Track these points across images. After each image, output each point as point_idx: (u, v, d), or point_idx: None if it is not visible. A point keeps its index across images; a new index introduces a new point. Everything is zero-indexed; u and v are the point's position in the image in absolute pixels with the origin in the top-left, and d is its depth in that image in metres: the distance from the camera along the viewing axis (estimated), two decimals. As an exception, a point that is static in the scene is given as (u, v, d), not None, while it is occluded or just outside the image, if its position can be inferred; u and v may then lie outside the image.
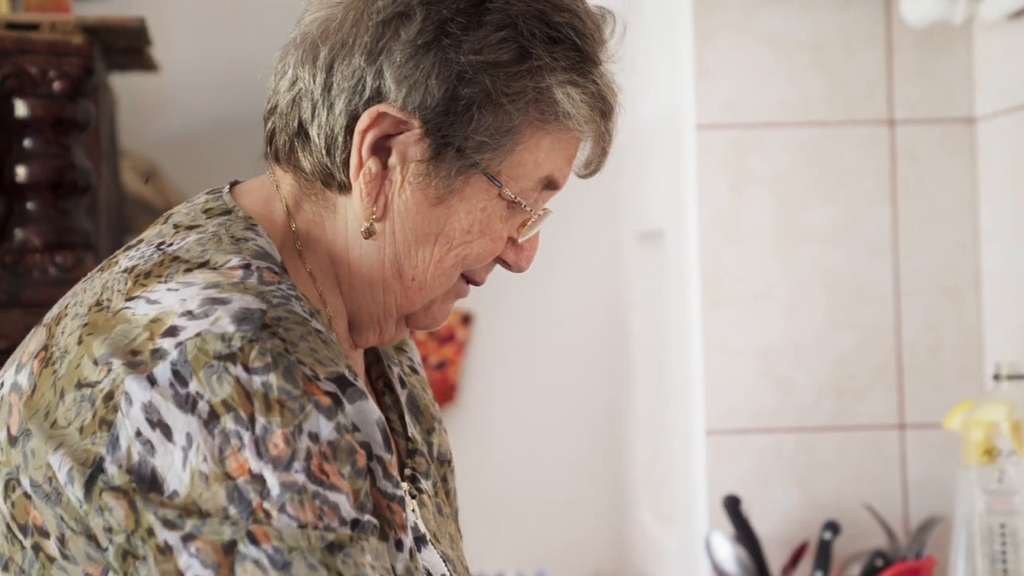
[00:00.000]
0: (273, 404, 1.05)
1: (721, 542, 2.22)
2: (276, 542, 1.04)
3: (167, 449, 1.05)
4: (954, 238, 2.29)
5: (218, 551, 1.03)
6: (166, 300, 1.10)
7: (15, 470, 1.10)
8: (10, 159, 2.19)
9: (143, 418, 1.05)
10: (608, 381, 3.05)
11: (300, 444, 1.05)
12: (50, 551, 1.08)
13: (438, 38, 1.18)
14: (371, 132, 1.18)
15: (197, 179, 3.09)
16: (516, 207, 1.23)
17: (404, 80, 1.18)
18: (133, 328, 1.09)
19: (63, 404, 1.09)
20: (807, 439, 2.29)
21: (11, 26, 2.20)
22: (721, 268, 2.29)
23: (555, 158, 1.23)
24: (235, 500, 1.04)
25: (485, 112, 1.18)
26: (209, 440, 1.04)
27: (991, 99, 2.24)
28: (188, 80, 3.08)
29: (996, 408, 1.92)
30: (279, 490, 1.04)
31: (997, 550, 1.92)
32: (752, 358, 2.29)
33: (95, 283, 1.17)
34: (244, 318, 1.07)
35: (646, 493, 2.87)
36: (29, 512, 1.09)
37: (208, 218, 1.20)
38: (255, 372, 1.05)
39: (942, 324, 2.29)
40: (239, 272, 1.13)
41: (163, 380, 1.06)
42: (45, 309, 1.20)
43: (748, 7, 2.29)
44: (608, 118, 1.24)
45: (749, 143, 2.29)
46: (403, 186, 1.20)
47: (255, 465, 1.04)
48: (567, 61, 1.20)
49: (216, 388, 1.05)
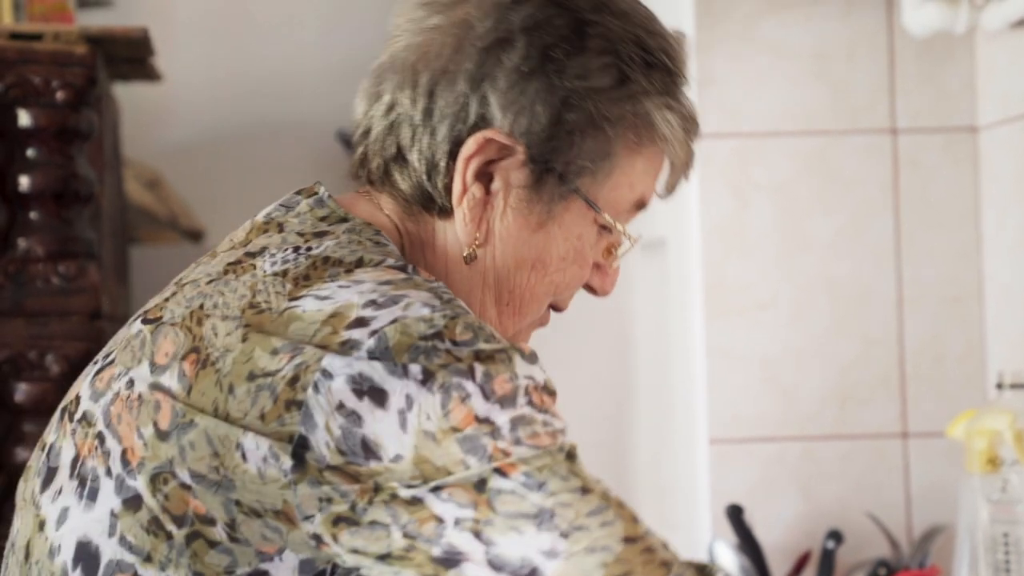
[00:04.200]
0: (485, 356, 1.07)
1: (724, 551, 2.22)
2: (524, 467, 1.06)
3: (376, 416, 1.05)
4: (957, 247, 2.29)
5: (470, 491, 1.05)
6: (340, 296, 1.10)
7: (167, 463, 1.09)
8: (13, 168, 2.20)
9: (348, 389, 1.05)
10: (611, 389, 3.05)
11: (519, 383, 1.07)
12: (213, 536, 1.08)
13: (542, 64, 1.19)
14: (477, 158, 1.19)
15: (200, 188, 3.09)
16: (606, 233, 1.25)
17: (510, 106, 1.18)
18: (308, 324, 1.09)
19: (234, 398, 1.08)
20: (810, 448, 2.29)
21: (14, 36, 2.20)
22: (724, 277, 2.29)
23: (647, 180, 1.26)
24: (470, 450, 1.05)
25: (587, 137, 1.20)
26: (430, 397, 1.05)
27: (994, 108, 2.24)
28: (191, 90, 3.09)
29: (999, 417, 1.92)
30: (510, 425, 1.06)
31: (1000, 559, 1.92)
32: (755, 367, 2.29)
33: (235, 286, 1.15)
34: (434, 304, 1.09)
35: (649, 501, 2.87)
36: (188, 502, 1.08)
37: (330, 224, 1.20)
38: (463, 343, 1.07)
39: (945, 333, 2.29)
40: (399, 272, 1.13)
41: (365, 358, 1.06)
42: (48, 318, 1.19)
43: (750, 16, 2.29)
44: (696, 137, 1.27)
45: (751, 152, 2.29)
46: (505, 211, 1.21)
47: (482, 409, 1.06)
48: (662, 85, 1.22)
49: (425, 361, 1.06)
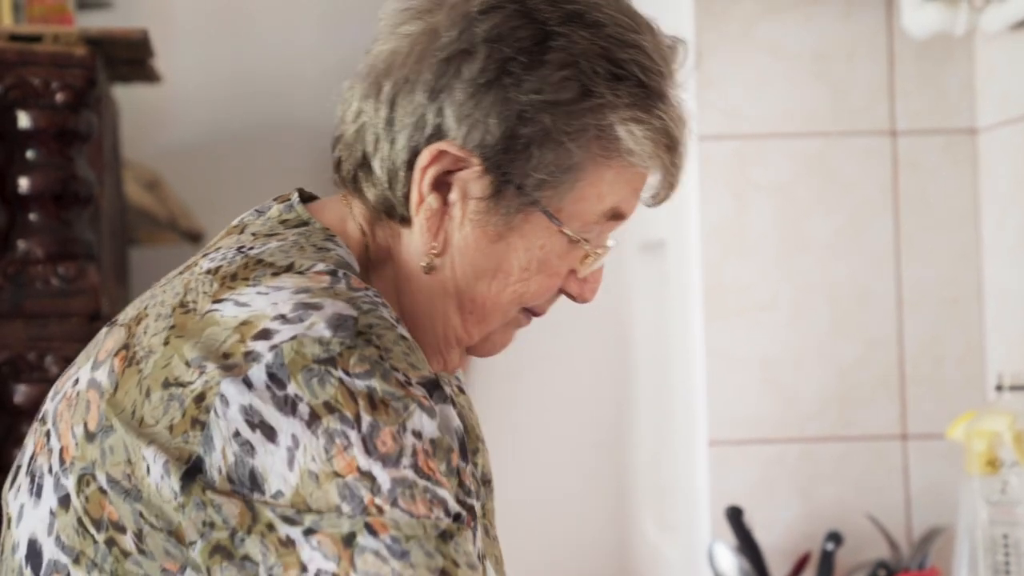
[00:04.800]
0: (378, 404, 1.07)
1: (723, 552, 2.21)
2: (393, 531, 1.05)
3: (268, 450, 1.06)
4: (956, 248, 2.29)
5: (338, 543, 1.05)
6: (256, 303, 1.11)
7: (91, 465, 1.10)
8: (13, 170, 2.20)
9: (242, 420, 1.06)
10: (610, 391, 3.05)
11: (406, 441, 1.07)
12: (125, 546, 1.09)
13: (499, 77, 1.18)
14: (431, 169, 1.19)
15: (199, 189, 3.10)
16: (576, 243, 1.24)
17: (465, 118, 1.18)
18: (223, 331, 1.10)
19: (149, 403, 1.09)
20: (809, 449, 2.29)
21: (14, 38, 2.20)
22: (723, 278, 2.29)
23: (619, 191, 1.24)
24: (346, 497, 1.05)
25: (545, 150, 1.19)
26: (314, 441, 1.05)
27: (993, 110, 2.24)
28: (190, 91, 3.09)
29: (999, 419, 1.92)
30: (390, 485, 1.06)
31: (1000, 561, 1.92)
32: (754, 368, 2.29)
33: (175, 284, 1.17)
34: (339, 324, 1.08)
35: (648, 503, 2.87)
36: (104, 507, 1.09)
37: (285, 228, 1.21)
38: (357, 377, 1.07)
39: (944, 334, 2.29)
40: (327, 277, 1.14)
41: (259, 383, 1.07)
42: (47, 319, 1.20)
43: (750, 18, 2.29)
44: (674, 151, 1.24)
45: (751, 153, 2.29)
46: (463, 222, 1.21)
47: (364, 462, 1.05)
48: (631, 98, 1.20)
49: (317, 390, 1.06)
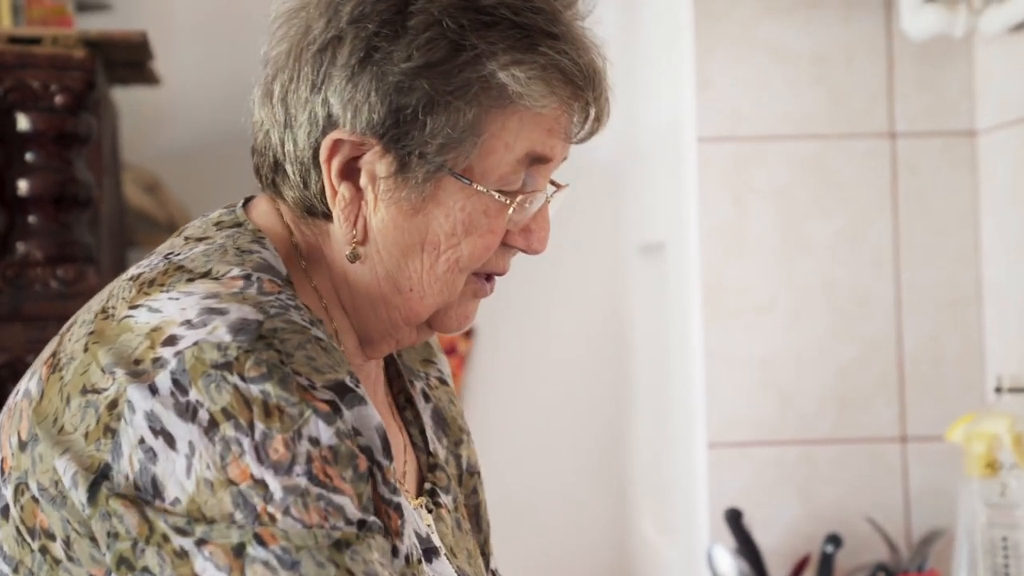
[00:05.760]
0: (272, 410, 1.07)
1: (723, 555, 2.21)
2: (283, 542, 1.05)
3: (169, 457, 1.07)
4: (955, 250, 2.29)
5: (228, 554, 1.05)
6: (167, 309, 1.12)
7: (24, 474, 1.12)
8: (12, 173, 2.20)
9: (146, 426, 1.07)
10: (610, 393, 3.05)
11: (300, 448, 1.07)
12: (56, 553, 1.10)
13: (369, 54, 1.17)
14: (335, 160, 1.19)
15: (199, 191, 3.10)
16: (495, 197, 1.20)
17: (348, 103, 1.18)
18: (135, 336, 1.11)
19: (69, 410, 1.11)
20: (809, 451, 2.29)
21: (13, 40, 2.20)
22: (722, 280, 2.29)
23: (529, 135, 1.20)
24: (240, 505, 1.06)
25: (436, 114, 1.17)
26: (211, 448, 1.06)
27: (992, 112, 2.24)
28: (190, 93, 3.09)
29: (998, 421, 1.92)
30: (282, 494, 1.06)
31: (999, 563, 1.92)
32: (754, 370, 2.29)
33: (104, 291, 1.19)
34: (241, 328, 1.09)
35: (648, 505, 2.87)
36: (36, 515, 1.11)
37: (218, 230, 1.22)
38: (252, 381, 1.07)
39: (943, 336, 2.29)
40: (239, 283, 1.14)
41: (164, 389, 1.07)
42: (47, 323, 1.21)
43: (749, 19, 2.29)
44: (574, 84, 1.20)
45: (750, 155, 2.29)
46: (377, 205, 1.20)
47: (256, 470, 1.06)
48: (506, 42, 1.17)
49: (215, 396, 1.07)
